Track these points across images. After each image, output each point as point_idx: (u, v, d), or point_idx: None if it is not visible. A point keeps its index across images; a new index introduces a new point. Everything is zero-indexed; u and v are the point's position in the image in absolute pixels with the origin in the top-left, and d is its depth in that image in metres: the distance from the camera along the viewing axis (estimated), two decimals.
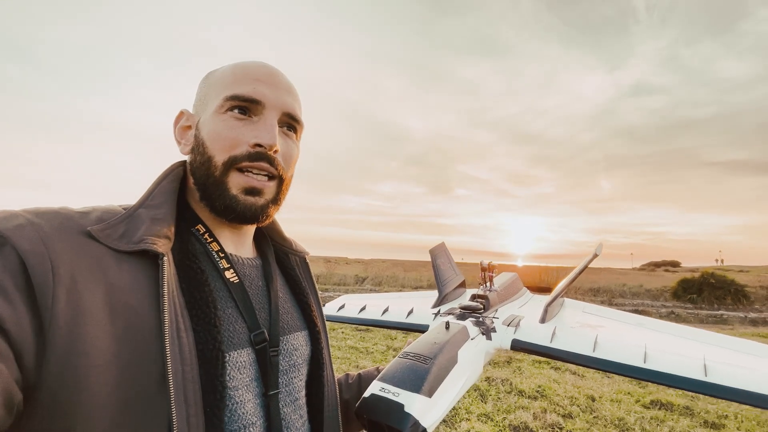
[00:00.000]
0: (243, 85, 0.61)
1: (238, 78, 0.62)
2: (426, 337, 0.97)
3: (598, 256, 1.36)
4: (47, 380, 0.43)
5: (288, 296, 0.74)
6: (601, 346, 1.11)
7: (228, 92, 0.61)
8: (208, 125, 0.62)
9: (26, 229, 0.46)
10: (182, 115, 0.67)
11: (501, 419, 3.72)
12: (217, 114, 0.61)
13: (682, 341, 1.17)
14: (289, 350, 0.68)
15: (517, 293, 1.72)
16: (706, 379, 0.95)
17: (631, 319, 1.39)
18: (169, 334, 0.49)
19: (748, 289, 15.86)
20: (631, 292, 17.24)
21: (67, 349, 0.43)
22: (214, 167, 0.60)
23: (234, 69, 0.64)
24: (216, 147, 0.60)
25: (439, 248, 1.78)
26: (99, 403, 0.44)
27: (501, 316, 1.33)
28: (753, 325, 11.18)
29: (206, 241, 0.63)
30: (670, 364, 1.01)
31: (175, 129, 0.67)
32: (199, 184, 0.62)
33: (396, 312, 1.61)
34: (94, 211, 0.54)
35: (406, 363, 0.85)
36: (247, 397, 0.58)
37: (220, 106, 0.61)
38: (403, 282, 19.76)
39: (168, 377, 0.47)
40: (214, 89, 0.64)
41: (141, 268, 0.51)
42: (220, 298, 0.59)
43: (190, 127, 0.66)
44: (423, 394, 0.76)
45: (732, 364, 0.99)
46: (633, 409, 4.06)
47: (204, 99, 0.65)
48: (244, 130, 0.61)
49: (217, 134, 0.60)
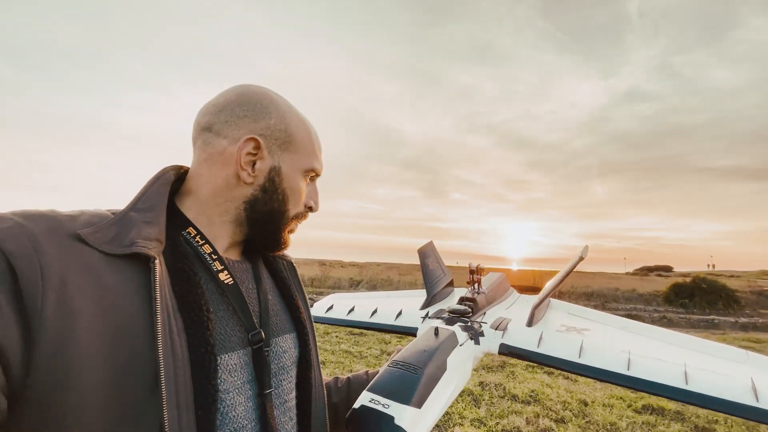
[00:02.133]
0: (319, 160, 0.74)
1: (315, 150, 0.73)
2: (415, 345, 0.97)
3: (584, 258, 1.37)
4: (36, 384, 0.42)
5: (277, 298, 0.75)
6: (587, 351, 1.11)
7: (313, 165, 0.72)
8: (291, 180, 0.69)
9: (14, 231, 0.46)
10: (254, 143, 0.64)
11: (494, 424, 3.72)
12: (301, 175, 0.70)
13: (664, 347, 1.18)
14: (279, 352, 0.68)
15: (504, 294, 1.72)
16: (687, 387, 0.95)
17: (616, 322, 1.39)
18: (162, 337, 0.48)
19: (739, 294, 16.03)
20: (624, 296, 17.36)
21: (57, 352, 0.43)
22: (286, 218, 0.70)
23: (311, 136, 0.72)
24: (292, 203, 0.70)
25: (428, 247, 1.76)
26: (91, 406, 0.44)
27: (489, 319, 1.33)
28: (743, 330, 11.29)
29: (198, 244, 0.63)
30: (652, 371, 1.02)
31: (241, 153, 0.64)
32: (263, 222, 0.69)
33: (385, 314, 1.59)
34: (83, 215, 0.54)
35: (396, 372, 0.84)
36: (239, 400, 0.58)
37: (305, 171, 0.71)
38: (398, 286, 19.74)
39: (161, 380, 0.47)
40: (298, 146, 0.69)
41: (132, 272, 0.51)
42: (213, 301, 0.60)
43: (255, 156, 0.65)
44: (413, 405, 0.76)
45: (711, 371, 1.00)
46: (625, 414, 4.08)
47: (282, 143, 0.67)
48: (306, 191, 0.73)
49: (298, 194, 0.71)
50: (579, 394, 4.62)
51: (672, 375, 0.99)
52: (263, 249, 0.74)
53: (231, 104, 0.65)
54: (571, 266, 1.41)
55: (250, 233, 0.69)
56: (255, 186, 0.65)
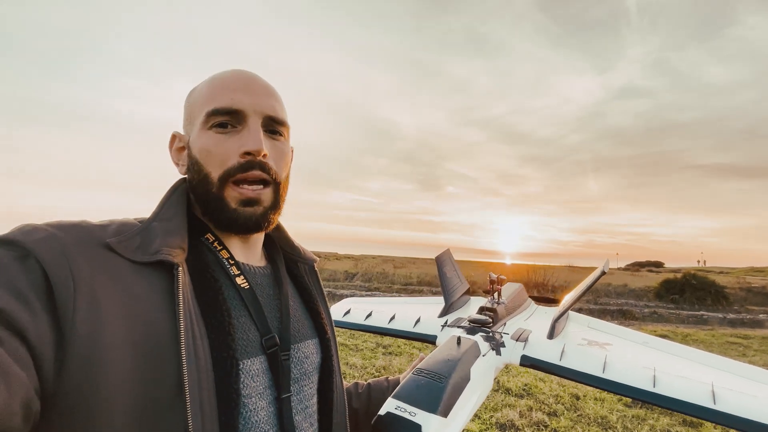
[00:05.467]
0: (221, 98, 0.62)
1: (215, 92, 0.63)
2: (439, 354, 0.98)
3: (606, 273, 1.36)
4: (66, 389, 0.44)
5: (298, 304, 0.75)
6: (611, 366, 1.10)
7: (208, 107, 0.62)
8: (197, 143, 0.63)
9: (49, 241, 0.48)
10: (175, 137, 0.69)
11: (488, 417, 3.79)
12: (203, 131, 0.62)
13: (690, 365, 1.16)
14: (301, 358, 0.69)
15: (522, 305, 1.72)
16: (715, 407, 0.93)
17: (637, 338, 1.38)
18: (185, 342, 0.50)
19: (728, 291, 16.30)
20: (615, 291, 17.59)
21: (87, 357, 0.44)
22: (211, 184, 0.62)
23: (211, 83, 0.65)
24: (209, 163, 0.62)
25: (445, 255, 1.78)
26: (118, 411, 0.45)
27: (509, 329, 1.32)
28: (731, 326, 11.50)
29: (216, 250, 0.65)
30: (678, 389, 1.00)
31: (171, 152, 0.68)
32: (200, 201, 0.64)
33: (403, 320, 1.58)
34: (112, 224, 0.56)
35: (422, 381, 0.85)
36: (261, 404, 0.59)
37: (203, 123, 0.62)
38: (393, 279, 19.81)
39: (184, 385, 0.48)
40: (196, 106, 0.65)
41: (157, 279, 0.53)
42: (234, 306, 0.61)
43: (184, 148, 0.67)
44: (439, 414, 0.77)
45: (740, 392, 0.98)
46: (615, 408, 4.17)
47: (189, 117, 0.66)
48: (230, 142, 0.62)
49: (207, 151, 0.62)
50: (571, 388, 4.71)
51: (699, 394, 0.97)
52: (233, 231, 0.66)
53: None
54: (593, 280, 1.40)
55: (212, 220, 0.65)
56: (188, 174, 0.66)
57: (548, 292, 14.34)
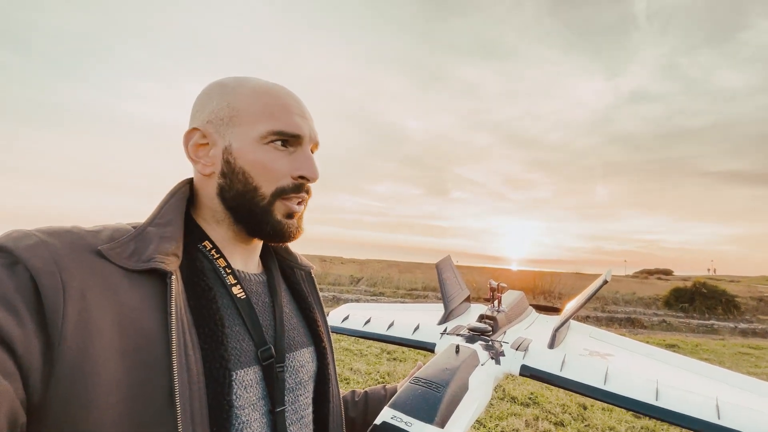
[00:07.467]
0: (285, 120, 0.64)
1: (275, 111, 0.63)
2: (437, 362, 0.96)
3: (608, 282, 1.34)
4: (55, 399, 0.43)
5: (294, 311, 0.74)
6: (612, 378, 1.07)
7: (271, 127, 0.62)
8: (248, 154, 0.62)
9: (38, 248, 0.46)
10: (196, 132, 0.64)
11: (494, 426, 3.73)
12: (259, 144, 0.63)
13: (694, 377, 1.14)
14: (296, 367, 0.68)
15: (523, 313, 1.70)
16: (719, 422, 0.90)
17: (640, 349, 1.36)
18: (177, 353, 0.49)
19: (739, 300, 16.00)
20: (623, 299, 17.35)
21: (76, 367, 0.43)
22: (261, 197, 0.63)
23: (265, 97, 0.64)
24: (261, 177, 0.63)
25: (445, 262, 1.76)
26: (107, 423, 0.44)
27: (509, 338, 1.30)
28: (743, 335, 11.28)
29: (213, 258, 0.63)
30: (681, 402, 0.97)
31: (187, 147, 0.65)
32: (239, 210, 0.64)
33: (402, 327, 1.57)
34: (105, 230, 0.55)
35: (418, 390, 0.83)
36: (254, 416, 0.58)
37: (262, 137, 0.62)
38: (398, 284, 19.76)
39: (175, 395, 0.47)
40: (245, 116, 0.62)
41: (150, 287, 0.52)
42: (228, 316, 0.60)
43: (207, 145, 0.64)
44: (436, 425, 0.75)
45: (745, 407, 0.96)
46: (624, 419, 4.09)
47: (228, 121, 0.63)
48: (284, 161, 0.64)
49: (263, 166, 0.63)
50: (578, 398, 4.63)
51: (703, 408, 0.95)
52: (269, 240, 0.68)
53: (193, 105, 0.67)
54: (595, 289, 1.38)
55: (241, 227, 0.66)
56: (217, 175, 0.64)
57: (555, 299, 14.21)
